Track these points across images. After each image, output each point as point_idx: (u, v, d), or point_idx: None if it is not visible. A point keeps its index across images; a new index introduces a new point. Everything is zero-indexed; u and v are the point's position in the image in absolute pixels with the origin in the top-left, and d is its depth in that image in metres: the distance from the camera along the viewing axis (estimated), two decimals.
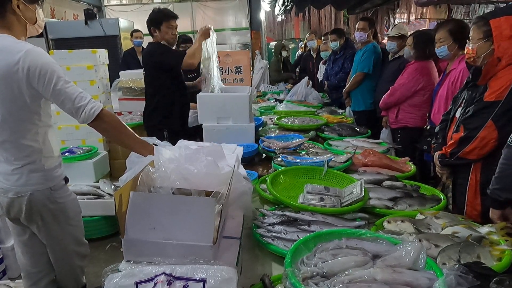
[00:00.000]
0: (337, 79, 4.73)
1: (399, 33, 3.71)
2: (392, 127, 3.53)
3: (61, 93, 1.59)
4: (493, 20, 1.81)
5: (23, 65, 1.52)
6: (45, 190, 1.72)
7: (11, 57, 1.52)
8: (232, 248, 1.26)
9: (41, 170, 1.70)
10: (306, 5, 6.78)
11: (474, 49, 1.89)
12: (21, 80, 1.54)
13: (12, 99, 1.57)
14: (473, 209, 1.95)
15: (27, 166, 1.66)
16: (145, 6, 10.23)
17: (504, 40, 1.78)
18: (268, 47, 9.40)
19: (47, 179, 1.72)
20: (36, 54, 1.56)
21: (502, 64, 1.80)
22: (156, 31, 3.11)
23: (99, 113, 1.64)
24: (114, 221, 2.56)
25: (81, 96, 1.62)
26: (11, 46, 1.55)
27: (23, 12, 1.63)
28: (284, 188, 1.89)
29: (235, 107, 2.80)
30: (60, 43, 7.08)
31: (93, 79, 3.61)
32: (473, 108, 1.91)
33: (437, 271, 1.03)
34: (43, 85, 1.56)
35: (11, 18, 1.62)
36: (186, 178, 1.30)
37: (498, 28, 1.78)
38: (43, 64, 1.55)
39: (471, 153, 1.89)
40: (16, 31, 1.64)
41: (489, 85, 1.85)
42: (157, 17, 3.11)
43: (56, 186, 1.76)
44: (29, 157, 1.66)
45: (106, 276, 1.07)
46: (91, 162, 3.35)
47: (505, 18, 1.78)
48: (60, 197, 1.78)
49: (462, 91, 2.13)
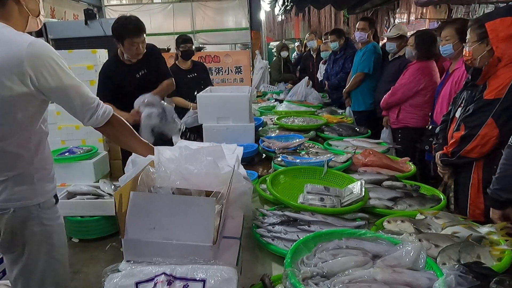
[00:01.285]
0: (338, 79, 4.74)
1: (398, 34, 3.72)
2: (393, 127, 3.53)
3: (67, 92, 1.41)
4: (488, 23, 1.82)
5: (26, 58, 1.30)
6: (31, 207, 1.44)
7: (12, 49, 1.31)
8: (232, 248, 1.26)
9: (30, 183, 1.43)
10: (306, 5, 6.78)
11: (470, 51, 1.91)
12: (22, 75, 1.31)
13: (5, 97, 1.32)
14: (476, 207, 1.95)
15: (14, 177, 1.40)
16: (145, 6, 10.24)
17: (501, 41, 1.80)
18: (268, 47, 9.40)
19: (35, 194, 1.45)
20: (42, 47, 1.36)
21: (502, 63, 1.82)
22: (119, 43, 2.75)
23: (110, 119, 1.52)
24: (114, 221, 2.56)
25: (90, 97, 1.48)
26: (12, 36, 1.34)
27: (26, 2, 1.43)
28: (284, 188, 1.89)
29: (235, 107, 2.80)
30: (60, 43, 7.07)
31: (93, 79, 3.61)
32: (473, 106, 1.91)
33: (437, 271, 1.03)
34: (47, 82, 1.35)
35: (12, 8, 1.40)
36: (186, 178, 1.30)
37: (494, 30, 1.80)
38: (49, 59, 1.35)
39: (472, 151, 1.90)
40: (14, 23, 1.41)
41: (488, 83, 1.87)
42: (119, 31, 2.70)
43: (45, 204, 1.49)
44: (18, 168, 1.41)
45: (106, 276, 1.07)
46: (91, 162, 3.35)
47: (500, 20, 1.79)
48: (48, 218, 1.50)
49: (461, 91, 2.14)
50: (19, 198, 1.42)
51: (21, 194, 1.42)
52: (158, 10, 10.40)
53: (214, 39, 10.48)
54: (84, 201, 2.97)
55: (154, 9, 10.35)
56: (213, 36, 10.46)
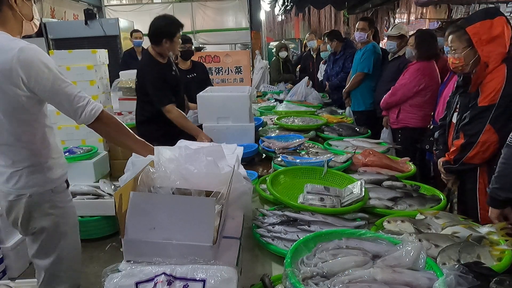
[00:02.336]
0: (338, 79, 4.74)
1: (399, 33, 3.72)
2: (393, 127, 3.53)
3: (58, 93, 1.51)
4: (469, 27, 1.83)
5: (17, 64, 1.42)
6: (45, 192, 1.63)
7: (4, 55, 1.43)
8: (232, 248, 1.26)
9: (40, 171, 1.61)
10: (306, 5, 6.77)
11: (461, 58, 1.90)
12: (15, 79, 1.44)
13: (6, 100, 1.48)
14: (486, 212, 1.94)
15: (26, 168, 1.58)
16: (145, 6, 10.23)
17: (484, 44, 1.81)
18: (268, 47, 9.40)
19: (46, 181, 1.63)
20: (31, 52, 1.46)
21: (490, 68, 1.83)
22: (167, 42, 2.83)
23: (99, 115, 1.59)
24: (114, 221, 2.57)
25: (79, 96, 1.55)
26: (4, 43, 1.45)
27: (20, 8, 1.54)
28: (284, 188, 1.88)
29: (235, 107, 2.80)
30: (60, 43, 7.09)
31: (93, 79, 3.61)
32: (469, 114, 1.92)
33: (437, 271, 1.03)
34: (39, 85, 1.47)
35: (7, 14, 1.53)
36: (186, 178, 1.30)
37: (476, 34, 1.81)
38: (39, 62, 1.46)
39: (474, 158, 1.91)
40: (11, 28, 1.54)
41: (480, 90, 1.87)
42: (171, 29, 2.82)
43: (57, 188, 1.67)
44: (28, 160, 1.58)
45: (106, 276, 1.07)
46: (91, 162, 3.36)
47: (481, 24, 1.80)
48: (61, 201, 1.69)
49: (454, 95, 2.13)
50: (33, 185, 1.60)
51: (34, 182, 1.60)
52: (158, 10, 10.38)
53: (214, 39, 10.47)
54: (84, 201, 2.97)
55: (154, 9, 10.33)
56: (213, 36, 10.45)
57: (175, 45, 2.89)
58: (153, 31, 2.84)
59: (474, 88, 1.91)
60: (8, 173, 1.59)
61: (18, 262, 2.72)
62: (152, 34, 2.85)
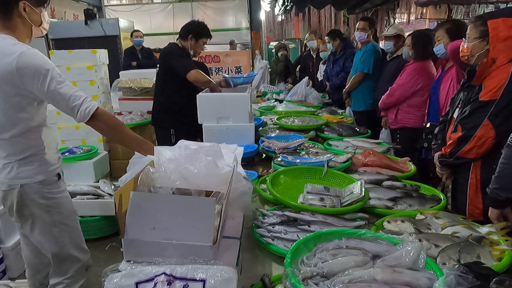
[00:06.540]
0: (339, 79, 4.74)
1: (395, 33, 3.72)
2: (392, 128, 3.53)
3: (55, 93, 1.59)
4: (490, 21, 1.83)
5: (17, 67, 1.53)
6: (34, 184, 1.71)
7: (6, 59, 1.53)
8: (232, 248, 1.26)
9: (31, 164, 1.70)
10: (306, 5, 6.77)
11: (469, 47, 1.92)
12: (16, 82, 1.55)
13: (7, 100, 1.59)
14: (474, 207, 1.96)
15: (17, 161, 1.68)
16: (145, 6, 10.23)
17: (500, 41, 1.81)
18: (268, 47, 9.40)
19: (36, 173, 1.71)
20: (30, 56, 1.56)
21: (496, 64, 1.83)
22: (192, 39, 3.22)
23: (95, 112, 1.65)
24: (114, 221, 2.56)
25: (75, 95, 1.62)
26: (6, 48, 1.56)
27: (29, 15, 1.64)
28: (284, 188, 1.89)
29: (235, 107, 2.80)
30: (60, 43, 7.08)
31: (93, 79, 3.61)
32: (469, 108, 1.93)
33: (437, 271, 1.03)
34: (38, 87, 1.57)
35: (16, 21, 1.63)
36: (186, 178, 1.30)
37: (495, 29, 1.81)
38: (36, 65, 1.56)
39: (469, 152, 1.90)
40: (20, 34, 1.65)
41: (483, 84, 1.88)
42: (200, 30, 3.26)
43: (46, 181, 1.74)
44: (21, 154, 1.68)
45: (106, 276, 1.07)
46: (91, 162, 3.36)
47: (503, 20, 1.80)
48: (50, 192, 1.76)
49: (459, 92, 2.14)
50: (23, 177, 1.70)
51: (25, 174, 1.70)
52: (158, 10, 10.41)
53: (214, 39, 10.46)
54: (84, 201, 2.97)
55: (154, 9, 10.35)
56: (213, 36, 10.46)
57: (198, 46, 3.27)
58: (185, 27, 3.27)
59: (478, 82, 1.91)
60: (1, 164, 1.69)
61: (18, 262, 2.71)
62: (182, 29, 3.28)
